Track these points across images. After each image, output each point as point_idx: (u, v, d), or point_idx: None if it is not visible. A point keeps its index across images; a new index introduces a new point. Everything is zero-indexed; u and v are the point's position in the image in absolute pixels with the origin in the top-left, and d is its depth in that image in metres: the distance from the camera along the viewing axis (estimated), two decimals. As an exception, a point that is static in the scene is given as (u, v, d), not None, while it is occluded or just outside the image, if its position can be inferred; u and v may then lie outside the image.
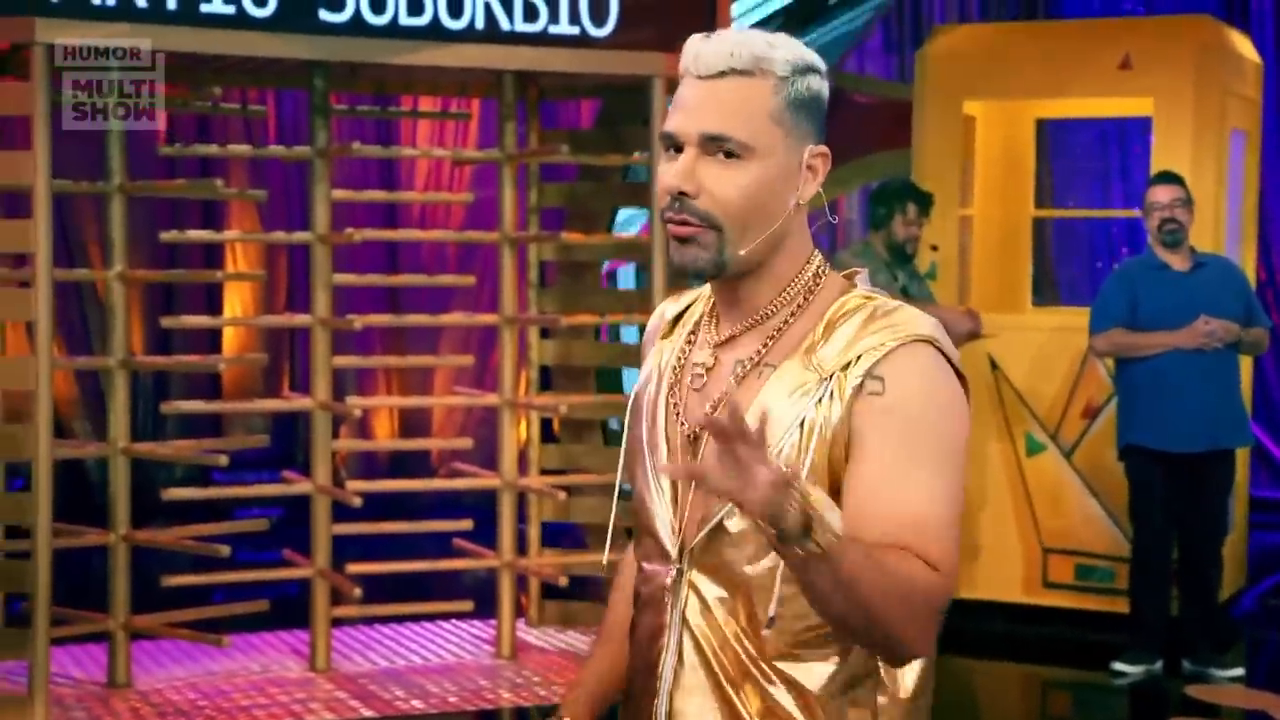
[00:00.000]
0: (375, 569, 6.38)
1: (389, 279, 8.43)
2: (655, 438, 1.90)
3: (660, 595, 1.85)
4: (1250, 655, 7.01)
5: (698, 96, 1.83)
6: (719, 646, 1.80)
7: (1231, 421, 6.37)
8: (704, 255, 1.82)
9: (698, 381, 1.89)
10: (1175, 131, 6.99)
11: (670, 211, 1.83)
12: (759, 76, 1.83)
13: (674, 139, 1.84)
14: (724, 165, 1.82)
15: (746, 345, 1.87)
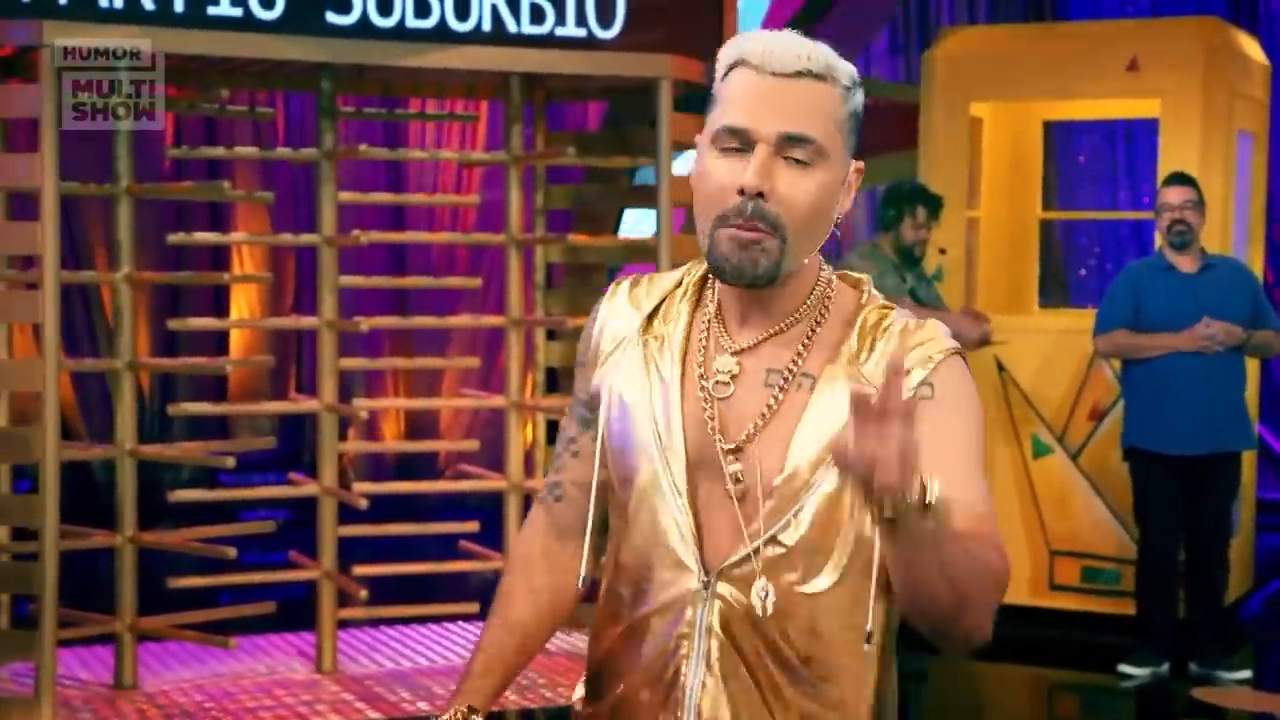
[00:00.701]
0: (382, 571, 6.38)
1: (395, 281, 8.44)
2: (670, 441, 1.84)
3: (678, 604, 1.84)
4: (1257, 657, 7.00)
5: (775, 94, 1.78)
6: (750, 655, 1.81)
7: (1234, 424, 6.36)
8: (765, 262, 1.79)
9: (721, 390, 1.84)
10: (1183, 133, 6.98)
11: (738, 212, 1.78)
12: (829, 83, 1.81)
13: (746, 136, 1.78)
14: (796, 169, 1.79)
15: (773, 353, 1.85)
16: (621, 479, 1.89)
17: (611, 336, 1.94)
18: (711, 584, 1.82)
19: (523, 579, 2.05)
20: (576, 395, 2.00)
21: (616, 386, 1.90)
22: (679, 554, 1.84)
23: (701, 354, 1.88)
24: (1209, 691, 6.22)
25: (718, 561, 1.82)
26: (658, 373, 1.88)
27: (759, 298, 1.85)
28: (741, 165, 1.78)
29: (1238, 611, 7.50)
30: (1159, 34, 7.22)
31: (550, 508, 2.05)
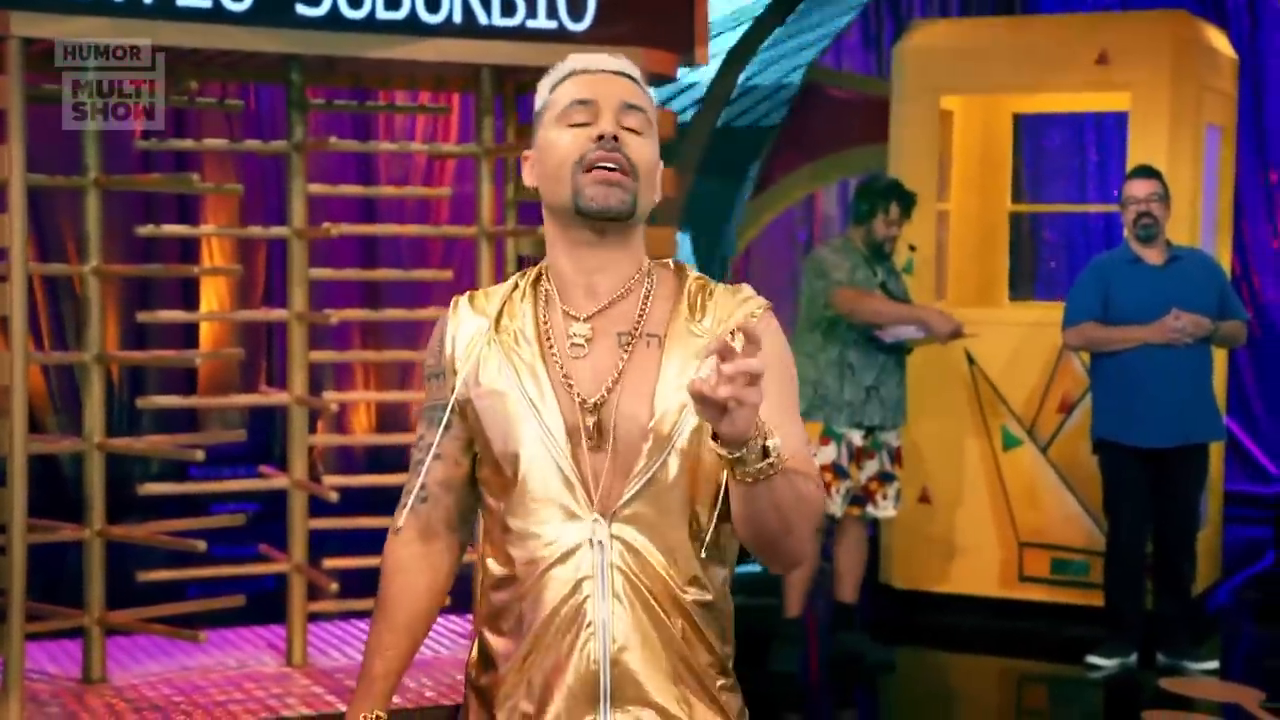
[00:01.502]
0: (352, 564, 6.36)
1: (366, 274, 8.40)
2: (546, 409, 2.09)
3: (576, 550, 2.08)
4: (1224, 648, 7.05)
5: (608, 80, 2.14)
6: (648, 580, 2.09)
7: (1203, 416, 6.39)
8: (625, 196, 2.09)
9: (577, 352, 2.11)
10: (1151, 126, 7.01)
11: (601, 151, 2.08)
12: (640, 84, 2.18)
13: (594, 105, 2.11)
14: (634, 136, 2.12)
15: (615, 319, 2.13)
16: (506, 455, 2.11)
17: (464, 344, 2.17)
18: (606, 525, 2.07)
19: (399, 583, 2.27)
20: (433, 404, 2.21)
21: (485, 380, 2.14)
22: (571, 506, 2.08)
23: (550, 335, 2.14)
24: (1176, 682, 6.26)
25: (607, 505, 2.08)
26: (519, 358, 2.12)
27: (600, 263, 2.13)
28: (592, 128, 2.10)
29: (1205, 602, 7.54)
30: (1128, 27, 7.25)
31: (418, 512, 2.24)
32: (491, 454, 2.14)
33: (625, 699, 2.10)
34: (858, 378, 6.26)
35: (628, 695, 2.10)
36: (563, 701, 2.11)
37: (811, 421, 6.27)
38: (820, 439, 6.28)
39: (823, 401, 6.28)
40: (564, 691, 2.10)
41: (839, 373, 6.27)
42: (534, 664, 2.12)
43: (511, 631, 2.15)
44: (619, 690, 2.09)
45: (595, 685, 2.09)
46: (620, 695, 2.09)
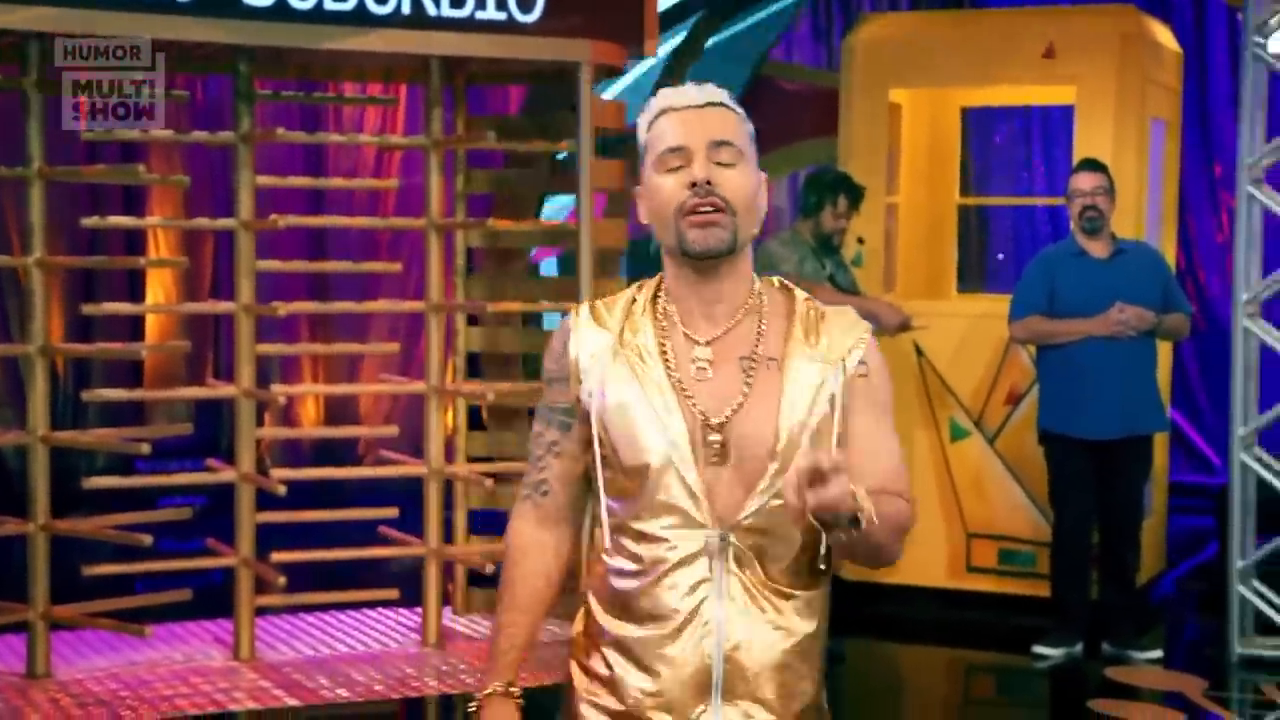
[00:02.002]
0: (300, 557, 6.34)
1: (314, 265, 8.37)
2: (671, 425, 2.27)
3: (696, 556, 2.27)
4: (1168, 637, 7.11)
5: (697, 117, 2.29)
6: (763, 587, 2.28)
7: (1147, 408, 6.45)
8: (724, 235, 2.26)
9: (701, 374, 2.28)
10: (1097, 119, 7.06)
11: (696, 199, 2.25)
12: (730, 109, 2.33)
13: (684, 150, 2.26)
14: (726, 169, 2.27)
15: (733, 344, 2.31)
16: (631, 466, 2.28)
17: (588, 355, 2.33)
18: (725, 535, 2.26)
19: (520, 567, 2.46)
20: (553, 405, 2.39)
21: (612, 393, 2.30)
22: (693, 515, 2.26)
23: (671, 353, 2.31)
24: (1121, 671, 6.31)
25: (728, 517, 2.26)
26: (645, 374, 2.29)
27: (716, 293, 2.30)
28: (686, 173, 2.26)
29: (1150, 592, 7.61)
30: (1074, 22, 7.29)
31: (536, 503, 2.44)
32: (618, 460, 2.30)
33: (735, 694, 2.29)
34: None
35: (738, 690, 2.28)
36: (678, 691, 2.29)
37: None
38: None
39: None
40: (680, 682, 2.29)
41: None
42: (653, 655, 2.30)
43: (632, 620, 2.32)
44: (730, 685, 2.28)
45: (708, 679, 2.28)
46: (731, 690, 2.28)
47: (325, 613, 6.87)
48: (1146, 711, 5.94)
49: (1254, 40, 6.39)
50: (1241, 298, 6.43)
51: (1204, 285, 10.19)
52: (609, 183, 6.60)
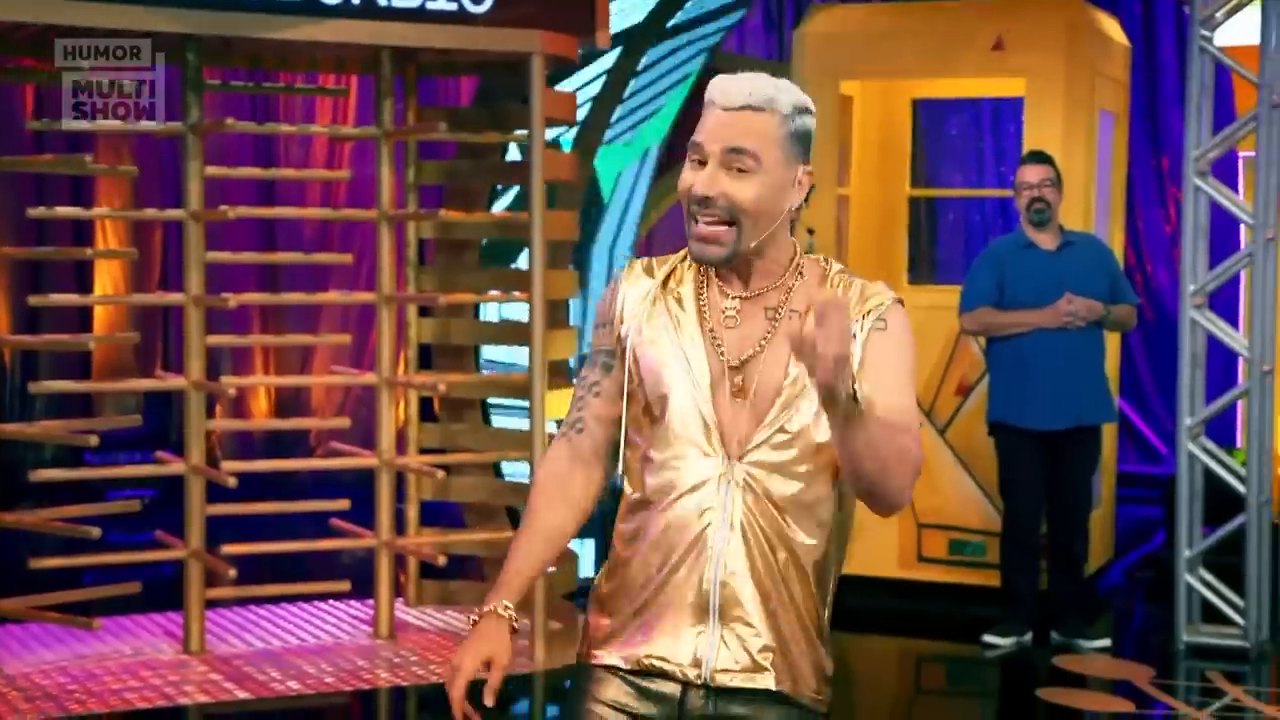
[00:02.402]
0: (250, 549, 6.31)
1: (263, 256, 8.32)
2: (696, 363, 2.45)
3: (706, 484, 2.42)
4: (1116, 626, 7.18)
5: (723, 121, 2.40)
6: (764, 519, 2.41)
7: (1095, 399, 6.50)
8: (720, 249, 2.41)
9: (730, 323, 2.46)
10: (1046, 112, 7.10)
11: (699, 210, 2.41)
12: (768, 112, 2.41)
13: (702, 150, 2.40)
14: (739, 176, 2.40)
15: (764, 300, 2.47)
16: (656, 396, 2.45)
17: (634, 300, 2.52)
18: (734, 465, 2.41)
19: (547, 497, 2.57)
20: (598, 348, 2.56)
21: (647, 332, 2.48)
22: (705, 446, 2.42)
23: (706, 303, 2.49)
24: (1070, 660, 6.36)
25: (736, 448, 2.42)
26: (678, 317, 2.48)
27: (747, 269, 2.46)
28: (699, 175, 2.41)
29: (1098, 582, 7.67)
30: (1023, 14, 7.33)
31: (571, 439, 2.58)
32: (643, 393, 2.47)
33: (729, 617, 2.42)
34: None
35: (732, 614, 2.42)
36: (677, 612, 2.43)
37: None
38: None
39: None
40: (680, 604, 2.43)
41: None
42: (657, 578, 2.45)
43: (641, 547, 2.46)
44: (725, 609, 2.42)
45: (706, 601, 2.42)
46: (726, 613, 2.42)
47: (276, 605, 6.84)
48: (1094, 700, 5.99)
49: (1200, 33, 6.44)
50: (1188, 289, 6.48)
51: (1151, 277, 10.28)
52: (561, 173, 6.60)
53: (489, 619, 2.50)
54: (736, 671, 2.44)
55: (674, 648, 2.45)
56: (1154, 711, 5.76)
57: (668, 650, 2.45)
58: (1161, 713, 5.75)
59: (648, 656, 2.46)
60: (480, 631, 2.49)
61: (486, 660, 2.46)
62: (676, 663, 2.45)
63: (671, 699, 2.46)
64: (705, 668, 2.43)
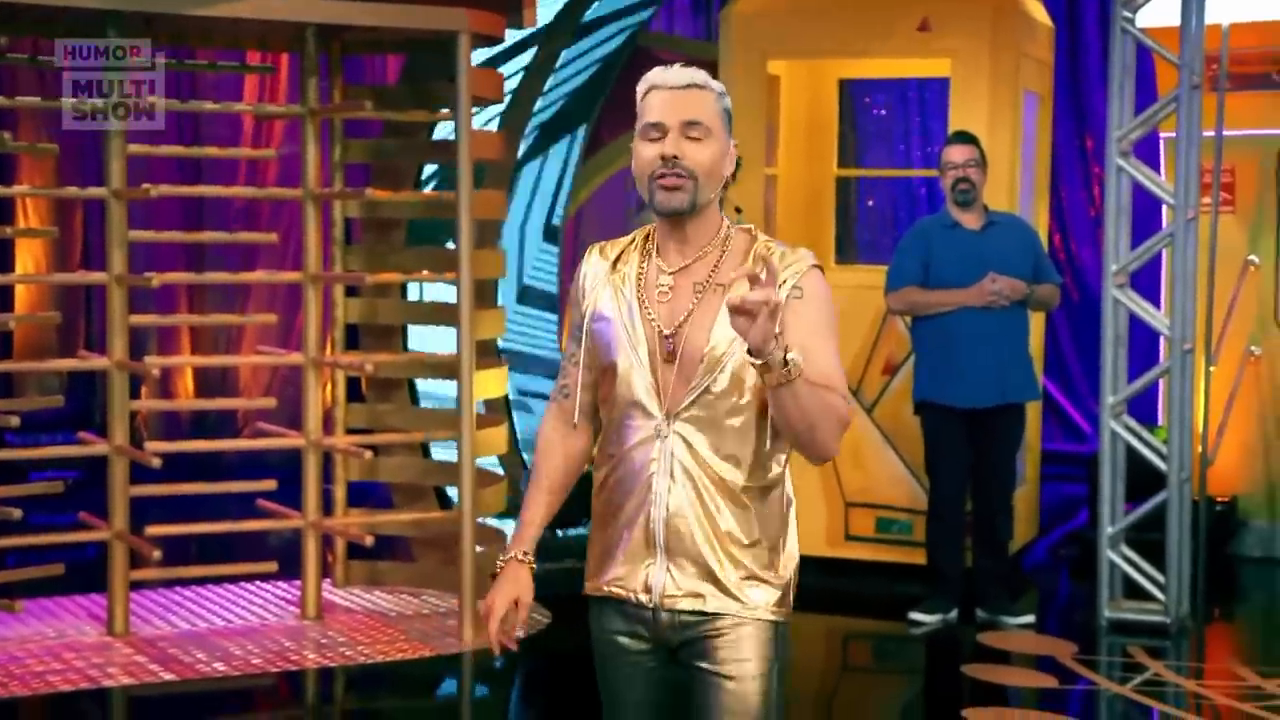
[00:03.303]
0: (176, 531, 6.26)
1: (188, 236, 8.24)
2: (635, 335, 2.81)
3: (649, 439, 2.79)
4: (1041, 603, 7.25)
5: (676, 98, 2.80)
6: (697, 467, 2.78)
7: (1020, 377, 6.55)
8: (684, 198, 2.78)
9: (663, 297, 2.82)
10: (971, 92, 7.15)
11: (664, 169, 2.76)
12: (707, 90, 2.83)
13: (662, 126, 2.78)
14: (695, 143, 2.79)
15: (695, 273, 2.82)
16: (605, 365, 2.84)
17: (591, 279, 2.90)
18: (670, 422, 2.78)
19: (545, 456, 2.99)
20: (574, 324, 2.92)
21: (598, 307, 2.87)
22: (646, 406, 2.80)
23: (645, 281, 2.85)
24: (995, 636, 6.43)
25: (673, 408, 2.78)
26: (623, 295, 2.85)
27: (683, 235, 2.82)
28: (660, 145, 2.78)
29: (1023, 559, 7.75)
30: (950, -5, 7.36)
31: (560, 404, 2.97)
32: (599, 364, 2.86)
33: (674, 552, 2.80)
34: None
35: (675, 548, 2.80)
36: (631, 548, 2.83)
37: None
38: None
39: None
40: (633, 542, 2.83)
41: None
42: (616, 520, 2.85)
43: (606, 496, 2.87)
44: (670, 545, 2.80)
45: (653, 538, 2.81)
46: (671, 549, 2.80)
47: (202, 586, 6.80)
48: (1018, 676, 6.06)
49: (1123, 15, 6.50)
50: (1111, 269, 6.55)
51: (1076, 256, 10.37)
52: (488, 153, 6.57)
53: (512, 565, 2.91)
54: (680, 596, 2.81)
55: (629, 577, 2.84)
56: (1076, 687, 5.83)
57: (625, 579, 2.85)
58: (1084, 688, 5.83)
59: (608, 583, 2.87)
60: (507, 575, 2.90)
61: (514, 599, 2.88)
62: (631, 588, 2.84)
63: (646, 617, 2.85)
64: (655, 593, 2.82)
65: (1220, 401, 7.76)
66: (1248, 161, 7.84)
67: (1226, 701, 5.65)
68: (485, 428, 6.44)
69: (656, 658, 2.89)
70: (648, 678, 2.91)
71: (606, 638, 2.93)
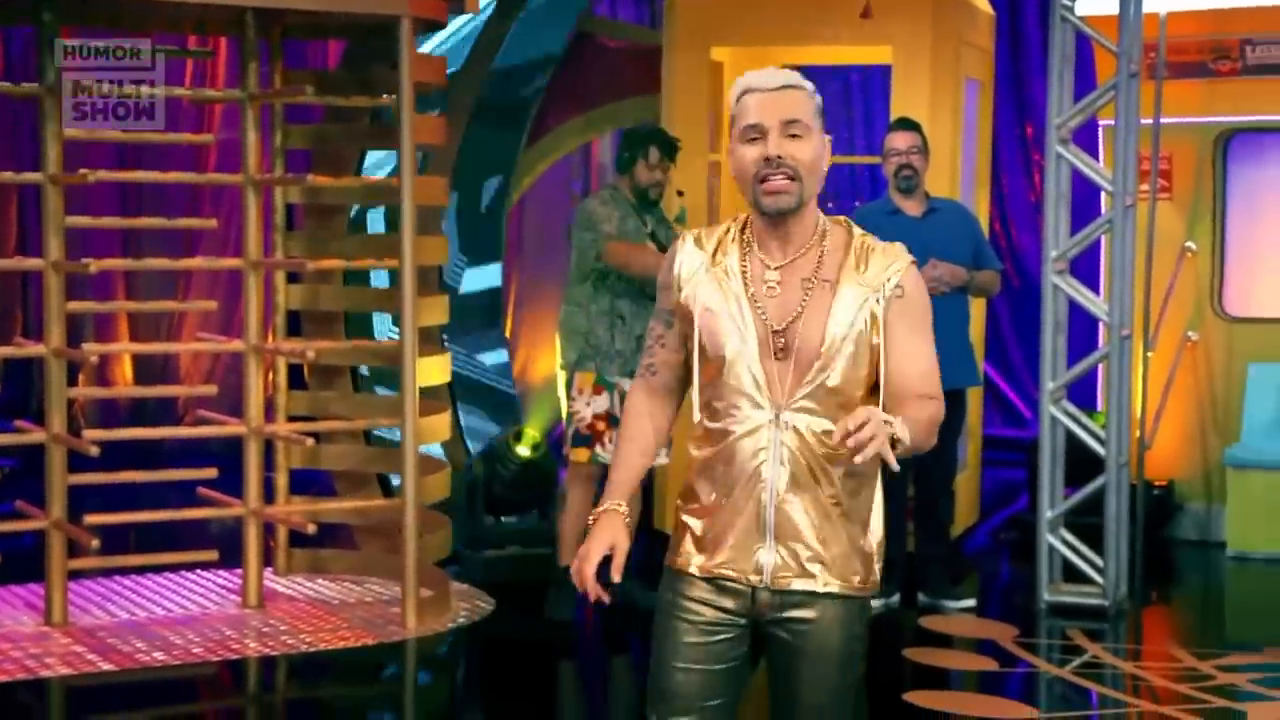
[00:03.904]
0: (115, 519, 6.21)
1: (126, 222, 8.17)
2: (745, 329, 2.92)
3: (758, 428, 2.91)
4: (982, 587, 7.31)
5: (773, 99, 2.90)
6: (807, 454, 2.91)
7: (960, 363, 6.58)
8: (790, 199, 2.88)
9: (771, 292, 2.93)
10: (913, 79, 7.18)
11: (768, 170, 2.87)
12: (802, 89, 2.94)
13: (761, 127, 2.88)
14: (795, 141, 2.89)
15: (800, 269, 2.93)
16: (714, 355, 2.94)
17: (688, 269, 3.00)
18: (781, 414, 2.91)
19: (637, 422, 3.12)
20: (661, 307, 3.06)
21: (702, 299, 2.96)
22: (757, 398, 2.91)
23: (748, 274, 2.96)
24: (936, 620, 6.48)
25: (782, 400, 2.90)
26: (729, 289, 2.95)
27: (786, 232, 2.93)
28: (762, 145, 2.89)
29: (964, 543, 7.81)
30: (892, -17, 7.38)
31: (647, 380, 3.11)
32: (706, 353, 2.96)
33: (784, 535, 2.94)
34: (628, 328, 6.28)
35: (785, 533, 2.94)
36: (741, 532, 2.95)
37: (584, 371, 6.29)
38: (594, 388, 6.30)
39: (594, 352, 6.29)
40: (742, 525, 2.95)
41: (610, 323, 6.29)
42: (725, 505, 2.96)
43: (710, 480, 2.98)
44: (779, 528, 2.94)
45: (763, 523, 2.94)
46: (780, 532, 2.94)
47: (141, 575, 6.76)
48: (960, 659, 6.11)
49: (1062, 3, 6.54)
50: (1050, 255, 6.60)
51: (1016, 243, 10.44)
52: (430, 138, 6.55)
53: (607, 515, 3.03)
54: (791, 577, 2.96)
55: (740, 560, 2.96)
56: (1017, 670, 5.88)
57: (735, 562, 2.97)
58: (1024, 670, 5.88)
59: (718, 566, 2.98)
60: (602, 525, 3.01)
61: (610, 547, 2.99)
62: (741, 570, 2.96)
63: (745, 594, 2.97)
64: (766, 574, 2.96)
65: (1158, 387, 7.84)
66: (1185, 149, 7.91)
67: (1163, 683, 5.71)
68: (428, 415, 6.41)
69: (734, 631, 3.02)
70: (716, 649, 3.02)
71: (685, 604, 3.02)
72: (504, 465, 7.09)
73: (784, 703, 3.08)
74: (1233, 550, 7.65)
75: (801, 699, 3.05)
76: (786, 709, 3.07)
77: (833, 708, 3.07)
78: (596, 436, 6.25)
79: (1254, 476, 7.63)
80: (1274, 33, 7.74)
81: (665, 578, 3.08)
